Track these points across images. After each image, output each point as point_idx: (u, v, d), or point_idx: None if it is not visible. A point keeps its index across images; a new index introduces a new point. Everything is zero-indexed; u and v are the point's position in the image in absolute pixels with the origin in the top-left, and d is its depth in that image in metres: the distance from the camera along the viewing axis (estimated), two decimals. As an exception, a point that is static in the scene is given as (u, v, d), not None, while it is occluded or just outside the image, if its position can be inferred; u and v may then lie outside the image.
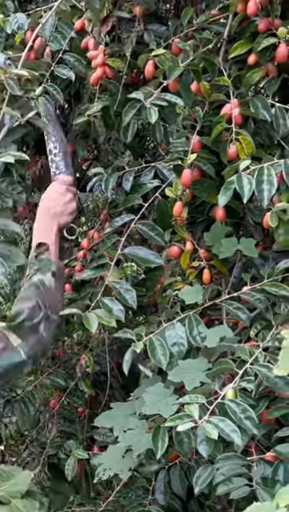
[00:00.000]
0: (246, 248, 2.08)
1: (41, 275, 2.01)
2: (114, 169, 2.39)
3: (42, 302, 1.97)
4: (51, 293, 2.00)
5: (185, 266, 2.21)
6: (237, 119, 2.02)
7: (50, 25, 2.41)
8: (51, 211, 2.13)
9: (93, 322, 2.16)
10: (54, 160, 2.32)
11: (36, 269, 2.02)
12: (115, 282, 2.24)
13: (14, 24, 2.56)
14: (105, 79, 2.34)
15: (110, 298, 2.21)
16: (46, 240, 2.07)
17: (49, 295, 2.00)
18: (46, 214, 2.12)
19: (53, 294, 2.01)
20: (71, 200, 2.18)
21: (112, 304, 2.20)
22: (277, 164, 1.93)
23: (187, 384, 1.92)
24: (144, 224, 2.31)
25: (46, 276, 2.01)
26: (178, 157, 2.11)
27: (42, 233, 2.08)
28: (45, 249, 2.05)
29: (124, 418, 2.10)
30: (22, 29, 2.55)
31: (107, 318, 2.18)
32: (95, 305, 2.22)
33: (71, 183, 2.24)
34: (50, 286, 2.00)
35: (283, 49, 2.01)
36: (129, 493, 2.32)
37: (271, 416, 1.88)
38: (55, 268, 2.03)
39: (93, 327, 2.15)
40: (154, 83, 2.13)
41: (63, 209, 2.14)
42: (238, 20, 2.08)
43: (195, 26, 2.20)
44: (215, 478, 1.86)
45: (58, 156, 2.34)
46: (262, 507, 1.15)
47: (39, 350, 1.97)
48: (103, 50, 2.33)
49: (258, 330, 2.00)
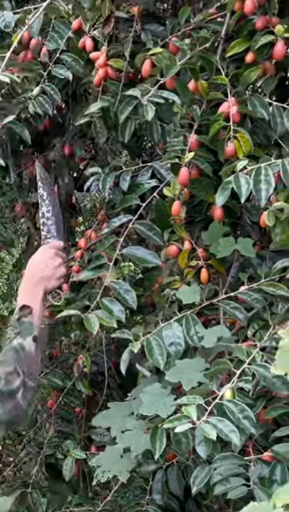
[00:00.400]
0: (243, 248, 2.07)
1: (21, 339, 1.97)
2: (111, 169, 2.39)
3: (20, 368, 1.93)
4: (31, 358, 1.97)
5: (183, 265, 2.21)
6: (235, 118, 2.01)
7: (38, 23, 2.40)
8: (39, 275, 2.11)
9: (94, 323, 2.15)
10: (46, 224, 2.34)
11: (17, 332, 1.98)
12: (114, 282, 2.23)
13: (0, 22, 2.54)
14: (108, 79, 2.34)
15: (110, 299, 2.21)
16: (31, 303, 2.02)
17: (28, 360, 1.96)
18: (34, 277, 2.09)
19: (32, 359, 1.97)
20: (60, 265, 2.17)
21: (112, 305, 2.20)
22: (274, 164, 1.93)
23: (185, 384, 1.91)
24: (142, 224, 2.30)
25: (27, 340, 1.97)
26: (176, 156, 2.10)
27: (27, 295, 2.05)
28: (28, 312, 2.00)
29: (122, 418, 2.09)
30: (8, 27, 2.53)
31: (107, 319, 2.17)
32: (94, 306, 2.21)
33: (61, 248, 2.24)
34: (30, 350, 1.97)
35: (281, 47, 2.00)
36: (127, 492, 2.32)
37: (269, 416, 1.88)
38: (37, 332, 1.99)
39: (94, 329, 2.14)
40: (151, 80, 2.13)
41: (51, 273, 2.13)
42: (235, 18, 2.07)
43: (192, 25, 2.19)
44: (212, 478, 1.86)
45: (50, 220, 2.35)
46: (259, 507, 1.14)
47: (15, 417, 1.95)
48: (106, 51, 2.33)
49: (255, 330, 2.00)
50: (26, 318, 2.00)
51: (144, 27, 2.35)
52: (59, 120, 2.84)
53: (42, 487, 2.60)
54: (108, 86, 2.34)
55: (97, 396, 2.80)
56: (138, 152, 2.69)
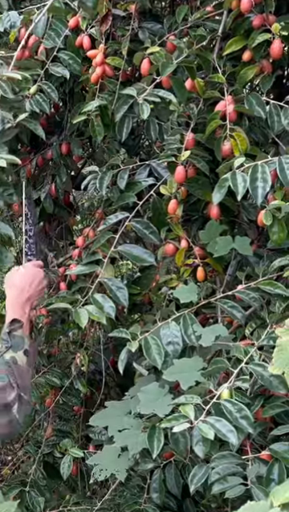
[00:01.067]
0: (240, 246, 2.07)
1: (13, 353, 1.97)
2: (108, 168, 2.38)
3: (14, 381, 1.92)
4: (23, 371, 1.96)
5: (180, 263, 2.20)
6: (231, 116, 2.01)
7: (43, 23, 2.40)
8: (26, 295, 2.07)
9: (83, 317, 2.15)
10: (29, 241, 2.40)
11: (9, 346, 1.97)
12: (107, 279, 2.23)
13: (6, 22, 2.55)
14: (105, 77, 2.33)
15: (101, 295, 2.21)
16: (20, 317, 2.02)
17: (21, 374, 1.95)
18: (21, 294, 2.07)
19: (24, 373, 1.96)
20: (41, 281, 2.13)
21: (103, 301, 2.19)
22: (271, 162, 1.92)
23: (182, 383, 1.90)
24: (139, 222, 2.29)
25: (19, 354, 1.97)
26: (172, 154, 2.10)
27: (16, 311, 2.03)
28: (19, 326, 2.00)
29: (119, 417, 2.09)
30: (14, 27, 2.54)
31: (98, 315, 2.17)
32: (86, 301, 2.21)
33: (41, 266, 2.22)
34: (23, 363, 1.96)
35: (278, 45, 2.00)
36: (125, 491, 2.31)
37: (266, 415, 1.87)
38: (28, 345, 1.99)
39: (83, 322, 2.14)
40: (147, 79, 2.12)
41: (35, 290, 2.10)
42: (232, 17, 2.07)
43: (190, 24, 2.18)
44: (210, 477, 1.85)
45: (32, 239, 2.42)
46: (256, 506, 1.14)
47: (9, 431, 1.95)
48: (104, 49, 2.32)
49: (253, 328, 1.99)
50: (17, 332, 1.99)
51: (142, 25, 2.35)
52: (57, 119, 2.83)
53: (40, 486, 2.59)
54: (106, 84, 2.34)
55: (95, 394, 2.80)
56: (136, 151, 2.69)
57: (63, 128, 2.81)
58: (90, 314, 2.19)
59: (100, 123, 2.38)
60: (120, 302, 2.23)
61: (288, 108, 2.02)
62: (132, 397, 2.12)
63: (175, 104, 2.11)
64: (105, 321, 2.20)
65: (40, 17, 2.37)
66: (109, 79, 2.33)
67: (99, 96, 2.33)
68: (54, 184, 2.81)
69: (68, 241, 3.00)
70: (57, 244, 2.98)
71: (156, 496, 2.16)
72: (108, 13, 2.25)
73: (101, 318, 2.19)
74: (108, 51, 2.34)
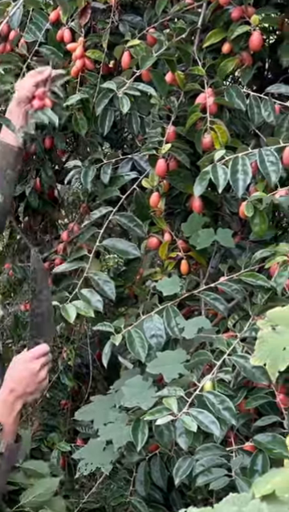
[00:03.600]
0: (222, 238, 2.08)
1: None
2: (92, 162, 2.38)
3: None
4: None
5: (164, 257, 2.21)
6: (211, 109, 2.01)
7: (18, 15, 2.39)
8: (21, 390, 1.91)
9: (72, 313, 2.15)
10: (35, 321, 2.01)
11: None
12: (93, 273, 2.23)
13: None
14: (86, 70, 2.33)
15: (88, 290, 2.21)
16: (6, 418, 1.90)
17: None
18: (17, 391, 1.91)
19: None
20: (44, 378, 1.95)
21: (91, 295, 2.20)
22: (251, 154, 1.93)
23: (165, 375, 1.91)
24: (123, 215, 2.30)
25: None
26: (153, 147, 2.10)
27: (4, 408, 1.90)
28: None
29: (105, 411, 2.09)
30: None
31: (85, 309, 2.17)
32: (73, 296, 2.22)
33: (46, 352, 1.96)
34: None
35: (257, 37, 2.00)
36: (111, 484, 2.32)
37: (249, 406, 1.88)
38: (4, 448, 1.88)
39: (71, 318, 2.14)
40: (127, 72, 2.12)
41: (35, 388, 1.93)
42: (211, 9, 2.07)
43: (169, 16, 2.18)
44: (195, 469, 1.86)
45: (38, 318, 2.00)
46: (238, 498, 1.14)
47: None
48: (83, 42, 2.32)
49: (235, 320, 2.00)
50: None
51: (122, 18, 2.34)
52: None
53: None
54: (87, 77, 2.33)
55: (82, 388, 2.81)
56: (119, 144, 2.69)
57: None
58: (78, 309, 2.19)
59: (83, 117, 2.38)
60: (108, 296, 2.23)
61: (268, 100, 2.02)
62: (116, 391, 2.12)
63: (156, 97, 2.11)
64: (93, 314, 2.20)
65: (15, 9, 2.36)
66: (90, 72, 2.33)
67: (80, 90, 2.33)
68: (39, 178, 2.81)
69: (53, 236, 3.00)
70: (42, 238, 2.98)
71: (142, 488, 2.17)
72: (87, 6, 2.25)
73: (89, 312, 2.20)
74: (88, 44, 2.33)
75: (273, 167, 1.90)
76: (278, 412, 1.87)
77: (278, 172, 1.89)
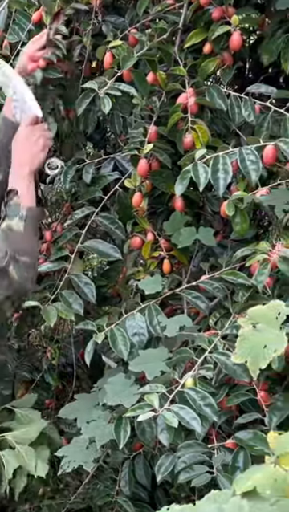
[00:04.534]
0: (204, 237, 2.09)
1: (9, 221, 2.00)
2: (74, 162, 2.39)
3: (9, 247, 1.96)
4: (20, 236, 1.99)
5: (147, 256, 2.22)
6: (192, 109, 2.02)
7: (3, 16, 2.40)
8: (21, 159, 2.07)
9: (52, 315, 2.16)
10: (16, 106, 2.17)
11: (4, 215, 2.02)
12: (74, 275, 2.24)
13: None
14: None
15: (70, 292, 2.22)
16: (18, 185, 2.03)
17: (18, 238, 1.99)
18: (16, 164, 2.07)
19: (23, 237, 2.00)
20: (37, 139, 2.09)
21: (72, 298, 2.21)
22: (232, 153, 1.94)
23: (148, 373, 1.93)
24: (105, 217, 2.31)
25: (14, 221, 1.99)
26: (135, 147, 2.11)
27: (14, 178, 2.05)
28: (13, 194, 2.02)
29: (88, 409, 2.11)
30: None
31: (66, 312, 2.18)
32: (55, 297, 2.22)
33: (34, 120, 2.11)
34: (19, 229, 1.99)
35: (237, 37, 2.02)
36: (98, 484, 2.33)
37: (231, 403, 1.90)
38: (25, 210, 2.00)
39: (52, 320, 2.15)
40: (109, 72, 2.13)
41: (31, 152, 2.08)
42: (192, 9, 2.08)
43: (151, 17, 2.19)
44: (177, 466, 1.88)
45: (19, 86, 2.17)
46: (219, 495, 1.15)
47: (14, 292, 1.97)
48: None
49: (217, 318, 2.01)
50: (12, 200, 2.02)
51: (105, 19, 2.35)
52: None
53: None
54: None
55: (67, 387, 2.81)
56: (102, 144, 2.69)
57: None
58: (58, 311, 2.20)
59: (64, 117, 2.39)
60: (88, 298, 2.24)
61: (248, 100, 2.04)
62: (100, 389, 2.13)
63: (138, 97, 2.12)
64: (73, 317, 2.21)
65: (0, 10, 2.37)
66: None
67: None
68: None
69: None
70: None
71: (126, 487, 2.18)
72: (60, 10, 2.25)
73: (69, 315, 2.21)
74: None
75: (253, 166, 1.91)
76: (259, 410, 1.88)
77: (258, 171, 1.91)
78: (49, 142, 2.13)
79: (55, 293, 2.26)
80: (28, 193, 2.03)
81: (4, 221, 2.01)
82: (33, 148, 2.08)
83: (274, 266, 1.84)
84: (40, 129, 2.11)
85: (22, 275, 1.96)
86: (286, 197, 1.92)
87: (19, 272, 1.95)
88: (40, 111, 2.11)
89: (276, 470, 1.08)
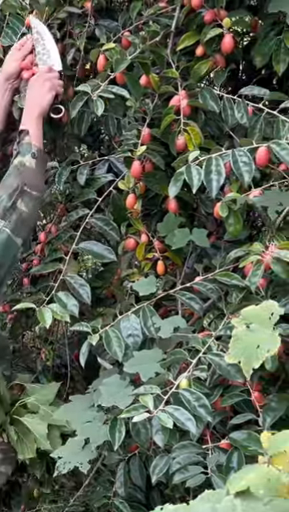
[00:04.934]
0: (198, 238, 2.10)
1: (21, 157, 2.15)
2: (68, 163, 2.40)
3: (21, 181, 2.12)
4: (32, 171, 2.15)
5: (141, 257, 2.23)
6: (185, 111, 2.03)
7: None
8: (32, 101, 2.22)
9: (48, 317, 2.16)
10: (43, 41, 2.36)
11: (17, 152, 2.16)
12: (69, 276, 2.25)
13: None
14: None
15: (65, 293, 2.22)
16: (28, 126, 2.18)
17: (30, 174, 2.14)
18: (28, 105, 2.23)
19: (33, 173, 2.15)
20: (45, 81, 2.23)
21: (67, 299, 2.21)
22: (225, 155, 1.95)
23: (142, 374, 1.93)
24: (100, 219, 2.32)
25: (26, 157, 2.15)
26: (129, 149, 2.12)
27: (25, 119, 2.20)
28: (25, 133, 2.16)
29: (83, 411, 2.11)
30: None
31: (61, 313, 2.18)
32: (50, 299, 2.23)
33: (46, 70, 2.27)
34: (31, 165, 2.15)
35: (229, 40, 2.03)
36: (96, 486, 2.34)
37: (225, 404, 1.91)
38: (36, 149, 2.16)
39: (47, 322, 2.15)
40: (102, 75, 2.14)
41: (40, 95, 2.22)
42: (184, 12, 2.09)
43: (144, 19, 2.20)
44: (171, 467, 1.89)
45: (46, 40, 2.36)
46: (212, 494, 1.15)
47: (23, 224, 2.12)
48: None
49: (211, 319, 2.02)
50: (24, 139, 2.16)
51: (98, 22, 2.36)
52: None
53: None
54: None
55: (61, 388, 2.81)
56: (96, 146, 2.70)
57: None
58: (54, 313, 2.21)
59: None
60: (83, 299, 2.25)
61: (241, 102, 2.05)
62: (94, 390, 2.14)
63: (131, 100, 2.13)
64: (69, 318, 2.22)
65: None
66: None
67: None
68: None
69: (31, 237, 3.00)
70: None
71: (122, 488, 2.18)
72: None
73: (64, 316, 2.21)
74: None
75: (246, 167, 1.92)
76: (253, 410, 1.89)
77: (251, 173, 1.92)
78: (59, 88, 2.26)
79: (50, 294, 2.26)
80: (38, 133, 2.18)
81: (16, 158, 2.16)
82: (42, 91, 2.22)
83: (268, 267, 1.85)
84: (52, 76, 2.26)
85: (31, 206, 2.12)
86: (279, 198, 1.93)
87: (28, 204, 2.12)
88: (61, 66, 2.29)
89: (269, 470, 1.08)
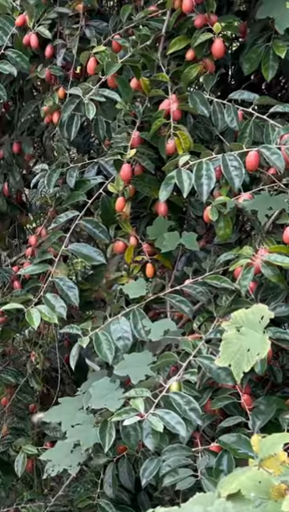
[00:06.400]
0: (187, 242, 2.10)
1: None
2: (58, 166, 2.40)
3: None
4: None
5: (130, 260, 2.23)
6: (175, 115, 2.04)
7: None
8: None
9: (35, 318, 2.16)
10: None
11: None
12: (58, 278, 2.25)
13: None
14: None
15: (53, 295, 2.22)
16: None
17: None
18: None
19: None
20: None
21: (55, 301, 2.21)
22: (215, 159, 1.96)
23: (132, 377, 1.93)
24: (89, 221, 2.32)
25: None
26: (118, 152, 2.12)
27: None
28: None
29: (72, 413, 2.11)
30: None
31: (49, 315, 2.18)
32: (38, 301, 2.23)
33: None
34: None
35: (219, 44, 2.04)
36: (78, 487, 2.33)
37: (214, 407, 1.91)
38: None
39: (35, 323, 2.15)
40: (93, 78, 2.15)
41: None
42: (175, 16, 2.10)
43: (134, 23, 2.21)
44: (161, 470, 1.89)
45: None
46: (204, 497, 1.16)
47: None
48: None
49: (200, 322, 2.02)
50: None
51: (88, 23, 2.36)
52: (7, 118, 2.84)
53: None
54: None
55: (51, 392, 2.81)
56: (85, 149, 2.70)
57: (13, 127, 2.81)
58: (42, 314, 2.21)
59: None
60: (71, 302, 2.25)
61: (231, 106, 2.05)
62: (84, 392, 2.14)
63: (121, 103, 2.14)
64: (57, 321, 2.22)
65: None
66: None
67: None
68: (7, 183, 2.82)
69: (21, 240, 3.00)
70: (10, 243, 2.99)
71: (110, 490, 2.18)
72: None
73: (52, 318, 2.21)
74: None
75: (236, 172, 1.93)
76: (242, 413, 1.90)
77: (241, 177, 1.93)
78: None
79: (39, 296, 2.26)
80: None
81: None
82: None
83: (258, 271, 1.86)
84: None
85: None
86: (269, 202, 1.95)
87: None
88: None
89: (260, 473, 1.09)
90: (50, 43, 2.43)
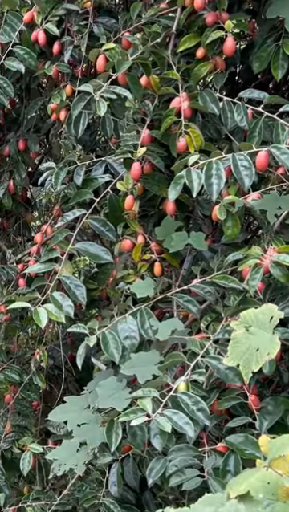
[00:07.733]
0: (195, 242, 2.09)
1: None
2: (65, 164, 2.38)
3: None
4: None
5: (137, 259, 2.22)
6: (186, 113, 2.03)
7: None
8: None
9: (43, 317, 2.15)
10: None
11: None
12: (65, 277, 2.23)
13: None
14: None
15: (60, 294, 2.21)
16: None
17: None
18: None
19: None
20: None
21: (62, 299, 2.20)
22: (225, 159, 1.95)
23: (139, 377, 1.92)
24: (96, 219, 2.30)
25: None
26: (128, 151, 2.11)
27: None
28: None
29: (78, 412, 2.10)
30: None
31: (56, 314, 2.17)
32: (45, 299, 2.22)
33: None
34: None
35: (230, 43, 2.03)
36: (84, 486, 2.32)
37: (222, 407, 1.90)
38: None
39: (43, 322, 2.14)
40: (103, 76, 2.13)
41: None
42: (186, 14, 2.09)
43: (144, 20, 2.20)
44: (168, 470, 1.88)
45: None
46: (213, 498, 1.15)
47: None
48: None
49: (208, 322, 2.01)
50: None
51: (96, 20, 2.36)
52: (13, 115, 2.83)
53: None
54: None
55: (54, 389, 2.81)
56: (92, 147, 2.69)
57: (19, 125, 2.80)
58: (49, 313, 2.19)
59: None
60: (78, 300, 2.23)
61: (241, 105, 2.05)
62: (90, 392, 2.13)
63: (130, 101, 2.13)
64: (64, 319, 2.21)
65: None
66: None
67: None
68: (13, 180, 2.81)
69: (26, 238, 3.00)
70: (15, 240, 2.98)
71: (115, 489, 2.17)
72: None
73: (60, 317, 2.20)
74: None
75: (246, 171, 1.92)
76: (249, 413, 1.89)
77: (251, 177, 1.92)
78: None
79: (46, 295, 2.25)
80: None
81: None
82: None
83: (267, 271, 1.85)
84: None
85: None
86: (278, 201, 1.94)
87: None
88: None
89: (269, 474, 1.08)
90: (57, 40, 2.42)
